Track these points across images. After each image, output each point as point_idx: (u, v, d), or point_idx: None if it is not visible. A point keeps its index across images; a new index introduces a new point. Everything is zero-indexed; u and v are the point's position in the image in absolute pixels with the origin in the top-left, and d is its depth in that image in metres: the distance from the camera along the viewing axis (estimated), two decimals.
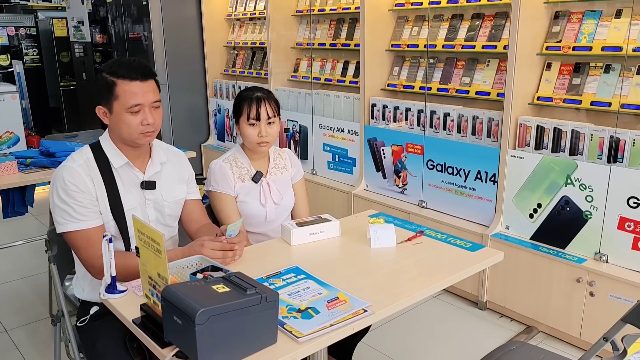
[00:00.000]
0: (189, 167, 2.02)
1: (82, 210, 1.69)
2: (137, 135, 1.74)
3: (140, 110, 1.71)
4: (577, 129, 2.60)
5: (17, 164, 2.93)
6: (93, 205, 1.71)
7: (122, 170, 1.79)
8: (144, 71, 1.72)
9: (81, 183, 1.70)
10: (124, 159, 1.79)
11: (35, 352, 2.70)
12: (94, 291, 1.78)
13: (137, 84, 1.70)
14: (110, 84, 1.70)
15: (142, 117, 1.72)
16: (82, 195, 1.69)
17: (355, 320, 1.38)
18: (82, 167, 1.73)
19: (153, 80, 1.76)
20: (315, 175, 4.14)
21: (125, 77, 1.69)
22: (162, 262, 1.30)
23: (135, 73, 1.70)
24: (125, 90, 1.69)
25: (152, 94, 1.74)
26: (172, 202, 1.91)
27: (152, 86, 1.75)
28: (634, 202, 2.41)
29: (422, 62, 3.49)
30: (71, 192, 1.68)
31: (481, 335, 2.82)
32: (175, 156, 1.98)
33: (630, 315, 1.49)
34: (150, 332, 1.33)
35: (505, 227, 2.93)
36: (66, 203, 1.68)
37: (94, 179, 1.73)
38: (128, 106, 1.70)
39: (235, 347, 1.20)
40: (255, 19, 4.95)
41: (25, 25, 7.29)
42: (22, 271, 3.57)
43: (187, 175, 2.00)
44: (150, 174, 1.84)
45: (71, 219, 1.69)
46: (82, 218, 1.70)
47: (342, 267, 1.74)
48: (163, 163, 1.89)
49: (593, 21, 2.67)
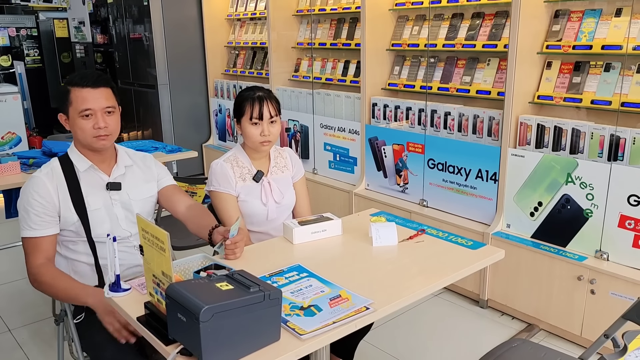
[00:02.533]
0: (156, 165, 2.11)
1: (36, 219, 1.80)
2: (91, 138, 1.84)
3: (92, 115, 1.82)
4: (577, 128, 2.61)
5: (20, 164, 2.95)
6: (48, 215, 1.82)
7: (87, 173, 1.90)
8: (95, 79, 1.84)
9: (44, 191, 1.81)
10: (88, 162, 1.90)
11: (38, 351, 2.71)
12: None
13: (87, 90, 1.82)
14: (66, 92, 1.84)
15: (94, 122, 1.83)
16: (39, 204, 1.80)
17: (357, 318, 1.39)
18: (47, 175, 1.85)
19: (106, 88, 1.86)
20: (316, 175, 4.15)
21: (77, 84, 1.82)
22: (166, 260, 1.32)
23: (86, 81, 1.83)
24: (77, 96, 1.82)
25: (103, 100, 1.84)
26: (141, 200, 2.00)
27: (105, 93, 1.85)
28: (635, 200, 2.42)
29: (422, 62, 3.50)
30: (31, 201, 1.81)
31: (482, 333, 2.83)
32: (142, 159, 2.08)
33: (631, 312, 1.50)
34: (155, 330, 1.34)
35: (506, 226, 2.94)
36: (26, 211, 1.81)
37: (58, 185, 1.84)
38: (79, 110, 1.81)
39: (238, 344, 1.21)
40: (256, 19, 4.96)
41: (26, 26, 7.30)
42: (25, 271, 3.57)
43: (156, 172, 2.09)
44: (115, 175, 1.94)
45: (26, 225, 1.82)
46: (34, 226, 1.81)
47: (344, 265, 1.75)
48: (128, 166, 1.99)
49: (593, 20, 2.68)
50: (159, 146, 3.55)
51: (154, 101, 5.41)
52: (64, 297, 1.82)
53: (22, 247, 1.85)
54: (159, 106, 5.37)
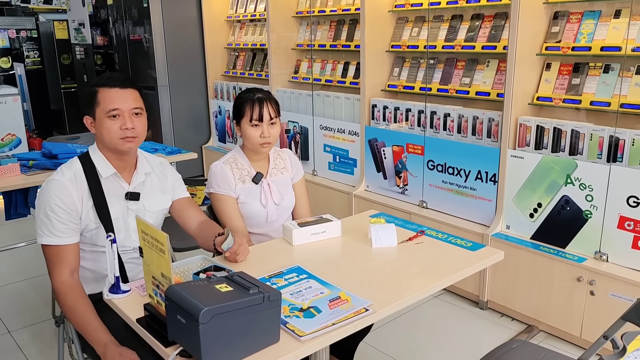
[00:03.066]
0: (172, 175, 2.06)
1: (60, 226, 1.75)
2: (117, 140, 1.80)
3: (120, 116, 1.78)
4: (576, 129, 2.61)
5: (20, 166, 2.95)
6: (72, 222, 1.77)
7: (109, 180, 1.85)
8: (123, 80, 1.81)
9: (67, 197, 1.75)
10: (112, 169, 1.85)
11: (38, 353, 2.71)
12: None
13: (115, 90, 1.79)
14: (93, 93, 1.80)
15: (122, 122, 1.78)
16: (63, 212, 1.75)
17: (357, 319, 1.39)
18: (70, 180, 1.79)
19: (134, 90, 1.83)
20: (316, 176, 4.15)
21: (105, 85, 1.79)
22: (165, 262, 1.32)
23: (114, 81, 1.80)
24: (105, 97, 1.78)
25: (131, 100, 1.81)
26: (155, 212, 1.96)
27: (132, 94, 1.82)
28: (634, 201, 2.42)
29: (422, 63, 3.50)
30: (54, 207, 1.74)
31: (482, 335, 2.83)
32: (160, 167, 2.03)
33: (630, 314, 1.50)
34: (154, 331, 1.34)
35: (505, 227, 2.94)
36: (47, 217, 1.75)
37: (82, 191, 1.79)
38: (107, 110, 1.77)
39: (238, 346, 1.21)
40: (256, 21, 4.96)
41: (26, 27, 7.31)
42: (25, 272, 3.58)
43: (171, 182, 2.04)
44: (135, 184, 1.90)
45: (48, 232, 1.75)
46: (57, 234, 1.75)
47: (343, 266, 1.76)
48: (147, 174, 1.95)
49: (592, 21, 2.68)
50: (159, 148, 3.55)
51: (154, 103, 5.41)
52: (80, 327, 1.71)
53: (23, 248, 1.83)
54: (159, 108, 5.37)
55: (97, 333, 1.65)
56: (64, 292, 1.72)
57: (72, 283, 1.74)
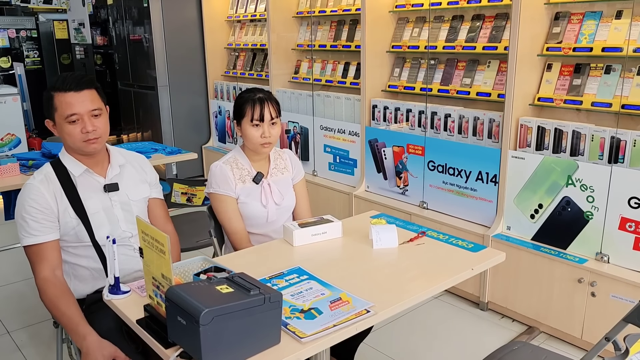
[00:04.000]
0: (151, 171, 2.09)
1: (36, 225, 1.77)
2: (80, 143, 1.81)
3: (79, 120, 1.78)
4: (578, 130, 2.61)
5: (19, 166, 2.94)
6: (47, 221, 1.78)
7: (83, 177, 1.87)
8: (78, 82, 1.79)
9: (39, 197, 1.78)
10: (82, 167, 1.87)
11: (37, 353, 2.70)
12: (76, 288, 1.87)
13: (71, 94, 1.77)
14: (49, 97, 1.79)
15: (82, 126, 1.79)
16: (37, 211, 1.77)
17: (358, 321, 1.39)
18: (42, 182, 1.81)
19: (90, 90, 1.81)
20: (316, 177, 4.14)
21: (60, 89, 1.77)
22: (166, 263, 1.31)
23: (69, 84, 1.77)
24: (61, 102, 1.77)
25: (89, 102, 1.79)
26: (139, 201, 1.99)
27: (89, 95, 1.80)
28: (635, 202, 2.41)
29: (422, 63, 3.50)
30: (28, 208, 1.76)
31: (483, 336, 2.82)
32: (136, 159, 2.05)
33: (632, 315, 1.49)
34: (154, 333, 1.34)
35: (506, 228, 2.93)
36: (23, 219, 1.77)
37: (55, 192, 1.81)
38: (65, 116, 1.77)
39: (239, 347, 1.21)
40: (256, 21, 4.96)
41: (26, 27, 7.30)
42: (24, 273, 3.57)
43: (150, 178, 2.06)
44: (111, 176, 1.92)
45: (26, 233, 1.77)
46: (34, 233, 1.77)
47: (344, 267, 1.75)
48: (122, 165, 1.97)
49: (593, 22, 2.68)
50: (159, 148, 3.55)
51: (154, 103, 5.41)
52: (62, 323, 1.73)
53: (22, 249, 1.82)
54: (159, 108, 5.37)
55: (77, 326, 1.67)
56: (45, 288, 1.74)
57: (54, 280, 1.76)
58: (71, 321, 1.68)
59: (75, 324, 1.67)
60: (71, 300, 1.74)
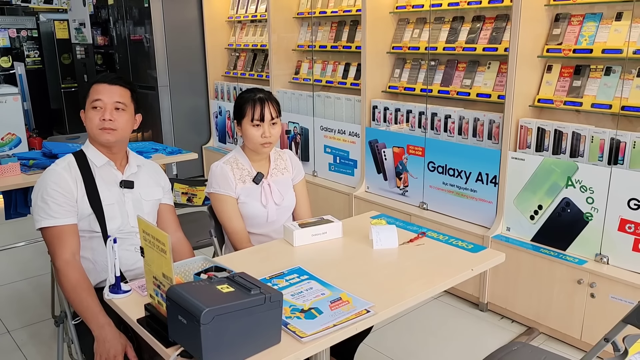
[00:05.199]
0: (165, 179, 2.15)
1: (57, 208, 1.80)
2: (96, 130, 1.88)
3: (102, 107, 1.87)
4: (577, 131, 2.61)
5: (20, 166, 2.94)
6: (69, 205, 1.83)
7: (103, 169, 1.93)
8: (115, 78, 1.92)
9: (62, 181, 1.83)
10: (104, 158, 1.93)
11: (37, 353, 2.70)
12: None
13: (104, 85, 1.89)
14: (88, 88, 1.92)
15: (102, 113, 1.87)
16: (60, 194, 1.81)
17: (358, 321, 1.39)
18: (64, 169, 1.87)
19: (122, 87, 1.91)
20: (316, 177, 4.15)
21: (98, 81, 1.91)
22: (166, 262, 1.31)
23: (107, 78, 1.91)
24: (94, 90, 1.90)
25: (116, 95, 1.89)
26: (150, 202, 2.03)
27: (119, 90, 1.90)
28: (635, 203, 2.42)
29: (423, 64, 3.50)
30: (50, 191, 1.81)
31: (482, 337, 2.82)
32: (152, 166, 2.12)
33: (631, 316, 1.50)
34: (155, 332, 1.34)
35: (506, 229, 2.94)
36: (44, 201, 1.81)
37: (76, 177, 1.87)
38: (91, 101, 1.88)
39: (239, 347, 1.21)
40: (257, 21, 4.96)
41: (26, 27, 7.31)
42: (25, 272, 3.58)
43: (163, 184, 2.11)
44: (128, 174, 1.98)
45: (46, 215, 1.80)
46: (55, 215, 1.80)
47: (344, 267, 1.75)
48: (139, 166, 2.03)
49: (593, 24, 2.68)
50: (159, 148, 3.55)
51: (154, 103, 5.41)
52: (80, 308, 1.72)
53: (22, 248, 1.83)
54: (159, 108, 5.37)
55: (96, 314, 1.68)
56: (66, 271, 1.75)
57: (75, 264, 1.78)
58: (91, 308, 1.70)
59: (95, 312, 1.69)
60: (90, 286, 1.76)
